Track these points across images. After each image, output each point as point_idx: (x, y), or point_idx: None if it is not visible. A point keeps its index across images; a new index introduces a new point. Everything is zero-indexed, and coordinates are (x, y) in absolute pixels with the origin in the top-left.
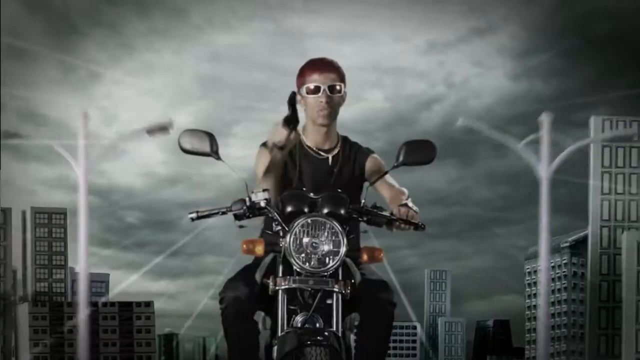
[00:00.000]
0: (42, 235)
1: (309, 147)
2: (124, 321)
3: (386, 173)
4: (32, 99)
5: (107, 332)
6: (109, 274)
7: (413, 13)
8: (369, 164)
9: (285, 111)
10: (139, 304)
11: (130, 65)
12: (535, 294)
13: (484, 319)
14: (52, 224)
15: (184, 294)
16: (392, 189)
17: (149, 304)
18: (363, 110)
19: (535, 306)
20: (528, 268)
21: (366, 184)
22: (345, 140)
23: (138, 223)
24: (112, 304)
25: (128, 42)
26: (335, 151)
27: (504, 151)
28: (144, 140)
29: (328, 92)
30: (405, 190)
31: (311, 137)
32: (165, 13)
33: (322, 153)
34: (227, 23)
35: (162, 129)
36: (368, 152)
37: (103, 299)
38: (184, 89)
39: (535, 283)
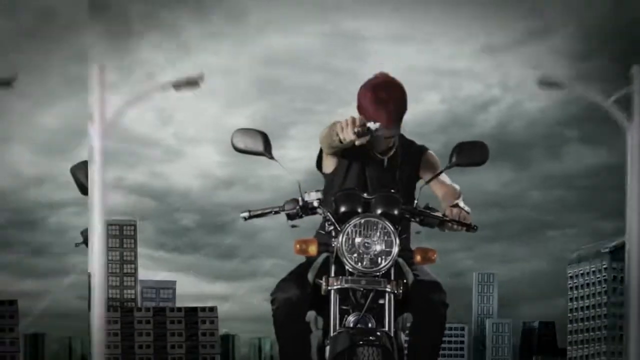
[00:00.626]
0: (114, 246)
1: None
2: (191, 325)
3: (439, 174)
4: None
5: (174, 335)
6: (175, 281)
7: (470, 15)
8: (424, 162)
9: (340, 113)
10: (203, 308)
11: (187, 66)
12: (577, 297)
13: (530, 321)
14: (123, 235)
15: (239, 297)
16: (445, 187)
17: (212, 309)
18: (420, 112)
19: (577, 309)
20: (570, 272)
21: (420, 182)
22: (400, 138)
23: (194, 225)
24: (179, 309)
25: (185, 43)
26: (392, 152)
27: (560, 153)
28: (171, 95)
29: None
30: (458, 187)
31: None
32: (224, 15)
33: (378, 155)
34: (285, 25)
35: (191, 83)
36: (423, 149)
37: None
38: (241, 90)
39: (577, 287)
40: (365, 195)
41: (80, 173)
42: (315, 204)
